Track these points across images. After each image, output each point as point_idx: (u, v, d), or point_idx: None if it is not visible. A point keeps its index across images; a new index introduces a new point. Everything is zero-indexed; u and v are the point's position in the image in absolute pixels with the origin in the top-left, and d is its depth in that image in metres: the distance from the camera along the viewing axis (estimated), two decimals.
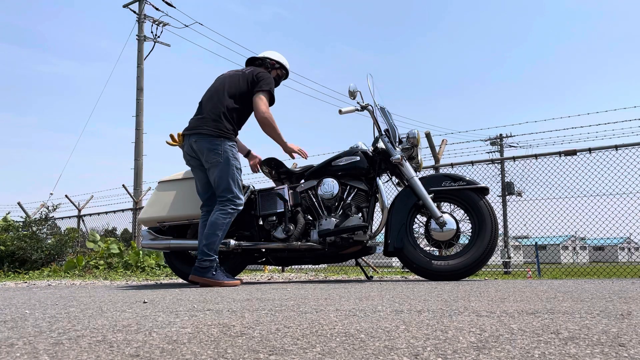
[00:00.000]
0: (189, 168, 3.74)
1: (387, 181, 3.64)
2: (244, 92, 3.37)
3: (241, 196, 3.28)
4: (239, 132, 3.49)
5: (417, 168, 3.53)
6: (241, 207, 3.28)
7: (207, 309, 1.78)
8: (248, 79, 3.40)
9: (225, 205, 3.21)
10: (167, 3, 14.67)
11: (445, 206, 3.43)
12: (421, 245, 3.34)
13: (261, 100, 3.35)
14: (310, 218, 3.54)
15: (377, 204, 3.48)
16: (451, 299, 1.94)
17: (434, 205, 3.25)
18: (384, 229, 3.36)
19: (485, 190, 3.28)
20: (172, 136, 3.46)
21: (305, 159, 3.60)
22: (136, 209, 10.19)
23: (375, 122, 3.57)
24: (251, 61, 3.66)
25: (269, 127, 3.37)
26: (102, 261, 7.15)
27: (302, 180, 3.65)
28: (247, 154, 3.75)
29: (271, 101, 3.43)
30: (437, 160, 6.55)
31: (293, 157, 3.59)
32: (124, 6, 14.85)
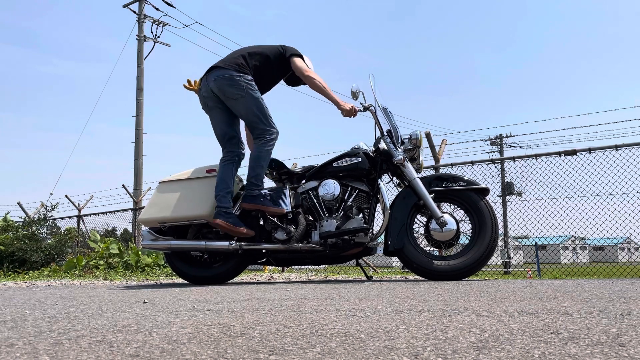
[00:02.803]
0: (189, 168, 3.74)
1: (388, 182, 3.63)
2: (268, 56, 3.46)
3: (273, 124, 3.36)
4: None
5: (418, 169, 3.53)
6: (277, 134, 3.38)
7: (207, 309, 1.78)
8: (274, 47, 3.52)
9: (263, 138, 3.32)
10: (167, 3, 14.68)
11: (446, 206, 3.43)
12: (421, 246, 3.34)
13: (299, 62, 3.48)
14: (311, 219, 3.53)
15: (378, 205, 3.48)
16: (451, 299, 1.94)
17: (434, 206, 3.24)
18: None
19: (485, 191, 3.28)
20: (188, 81, 3.53)
21: (355, 115, 3.56)
22: (136, 209, 10.19)
23: (377, 123, 3.56)
24: None
25: (317, 84, 3.44)
26: (102, 261, 7.15)
27: (303, 181, 3.65)
28: None
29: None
30: (437, 160, 6.55)
31: (350, 116, 3.52)
32: (124, 6, 14.86)
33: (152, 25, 14.80)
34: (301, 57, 3.53)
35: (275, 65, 3.50)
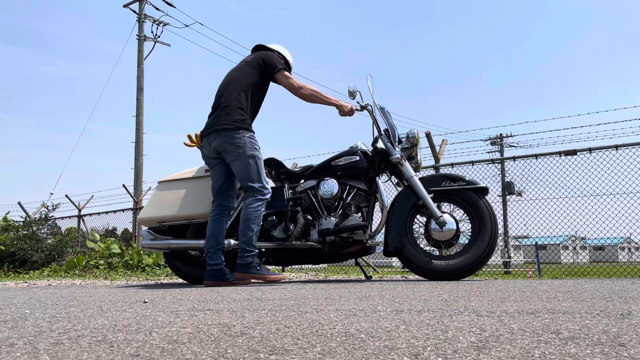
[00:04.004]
0: (189, 168, 3.74)
1: (386, 181, 3.64)
2: (253, 81, 3.35)
3: (267, 185, 3.26)
4: (255, 121, 3.46)
5: (417, 168, 3.53)
6: (269, 195, 3.25)
7: (207, 308, 1.78)
8: (254, 66, 3.38)
9: (253, 197, 3.19)
10: (167, 3, 14.67)
11: (445, 206, 3.43)
12: (421, 245, 3.34)
13: (287, 78, 3.36)
14: (310, 218, 3.54)
15: (377, 204, 3.48)
16: (451, 298, 1.94)
17: (433, 205, 3.25)
18: (383, 229, 3.36)
19: (484, 190, 3.28)
20: (190, 137, 3.47)
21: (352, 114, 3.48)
22: (136, 208, 10.19)
23: (375, 122, 3.57)
24: (258, 49, 3.62)
25: (312, 97, 3.36)
26: (103, 261, 7.16)
27: (302, 180, 3.65)
28: None
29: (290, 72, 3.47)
30: (437, 160, 6.55)
31: (347, 115, 3.44)
32: (124, 6, 14.85)
33: (152, 25, 14.80)
34: (283, 68, 3.38)
35: (263, 85, 3.41)
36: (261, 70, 3.36)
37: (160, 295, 2.45)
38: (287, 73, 3.39)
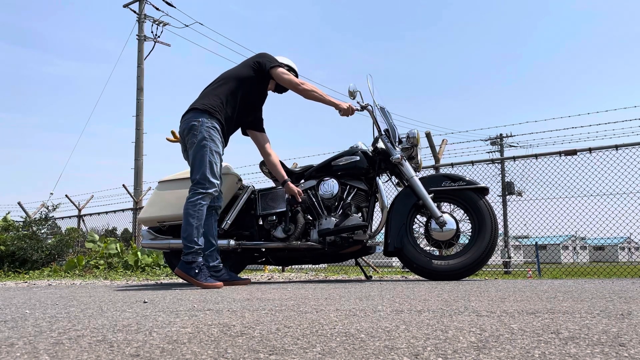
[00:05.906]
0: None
1: (386, 181, 3.64)
2: (244, 77, 3.27)
3: (213, 179, 3.05)
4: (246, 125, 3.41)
5: (417, 168, 3.53)
6: (212, 191, 3.06)
7: (207, 308, 1.78)
8: (249, 64, 3.32)
9: (193, 191, 3.03)
10: (167, 3, 14.68)
11: (445, 206, 3.43)
12: (421, 245, 3.34)
13: (285, 74, 3.29)
14: (310, 218, 3.54)
15: (377, 204, 3.48)
16: (451, 298, 1.94)
17: (434, 205, 3.25)
18: (383, 229, 3.36)
19: (485, 190, 3.28)
20: (173, 133, 3.46)
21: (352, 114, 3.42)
22: (136, 208, 10.19)
23: (375, 122, 3.57)
24: None
25: (312, 94, 3.30)
26: (102, 261, 7.16)
27: (302, 180, 3.65)
28: (283, 184, 3.48)
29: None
30: (437, 160, 6.55)
31: (347, 115, 3.38)
32: (124, 6, 14.86)
33: (152, 25, 14.81)
34: (280, 65, 3.32)
35: (255, 82, 3.31)
36: (256, 69, 3.30)
37: (160, 295, 2.45)
38: (284, 69, 3.33)
